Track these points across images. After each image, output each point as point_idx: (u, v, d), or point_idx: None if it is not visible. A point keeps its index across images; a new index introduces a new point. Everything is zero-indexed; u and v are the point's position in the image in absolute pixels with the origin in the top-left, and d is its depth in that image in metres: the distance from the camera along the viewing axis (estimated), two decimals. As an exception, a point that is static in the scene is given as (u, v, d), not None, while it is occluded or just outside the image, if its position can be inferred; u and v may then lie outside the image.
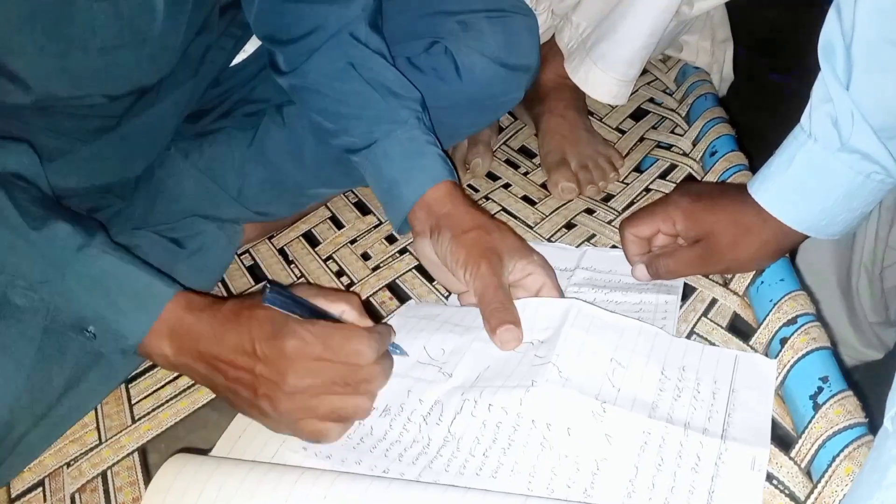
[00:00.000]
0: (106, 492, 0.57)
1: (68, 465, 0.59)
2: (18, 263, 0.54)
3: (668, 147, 0.88)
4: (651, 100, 0.99)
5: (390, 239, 0.81)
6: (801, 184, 0.59)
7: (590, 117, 0.94)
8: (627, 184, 0.84)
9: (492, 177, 0.89)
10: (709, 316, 0.63)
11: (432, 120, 0.70)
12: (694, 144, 0.87)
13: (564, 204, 0.82)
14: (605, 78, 0.87)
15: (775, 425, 0.53)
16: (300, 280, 0.77)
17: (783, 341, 0.58)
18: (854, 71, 0.55)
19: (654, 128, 0.93)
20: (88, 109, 0.66)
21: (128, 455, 0.60)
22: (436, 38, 0.76)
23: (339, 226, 0.85)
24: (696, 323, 0.63)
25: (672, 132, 0.91)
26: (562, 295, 0.63)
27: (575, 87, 0.91)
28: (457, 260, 0.62)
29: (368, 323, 0.58)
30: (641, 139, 0.91)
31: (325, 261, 0.79)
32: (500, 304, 0.59)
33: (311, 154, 0.76)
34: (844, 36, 0.55)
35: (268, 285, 0.53)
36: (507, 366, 0.57)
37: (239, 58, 0.80)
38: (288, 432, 0.55)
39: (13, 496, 0.57)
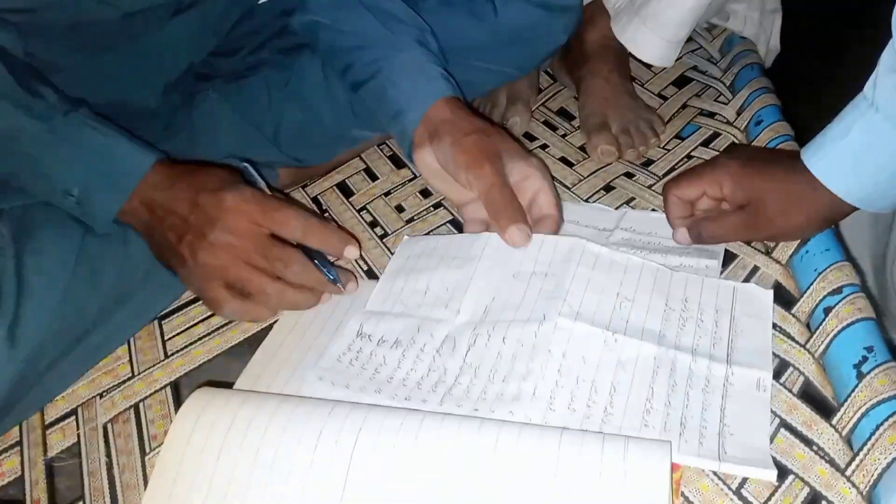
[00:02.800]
0: (138, 423, 0.57)
1: (101, 395, 0.60)
2: (19, 124, 0.56)
3: (712, 115, 0.87)
4: (695, 68, 0.97)
5: (425, 193, 0.80)
6: (857, 155, 0.58)
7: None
8: (669, 150, 0.82)
9: (529, 137, 0.88)
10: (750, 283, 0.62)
11: (468, 61, 0.71)
12: (738, 114, 0.85)
13: (604, 167, 0.81)
14: (653, 38, 0.85)
15: (816, 393, 0.52)
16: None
17: (827, 310, 0.57)
18: None
19: (697, 96, 0.91)
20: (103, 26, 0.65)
21: (160, 389, 0.60)
22: None
23: (374, 178, 0.84)
24: (737, 289, 0.62)
25: (716, 101, 0.89)
26: (557, 199, 0.65)
27: (620, 49, 0.89)
28: (458, 163, 0.63)
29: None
30: (684, 106, 0.90)
31: (358, 211, 0.79)
32: (507, 202, 0.61)
33: (345, 93, 0.76)
34: None
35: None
36: (514, 295, 0.59)
37: None
38: (193, 288, 0.59)
39: (47, 423, 0.58)
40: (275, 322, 0.63)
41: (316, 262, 0.61)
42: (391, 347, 0.58)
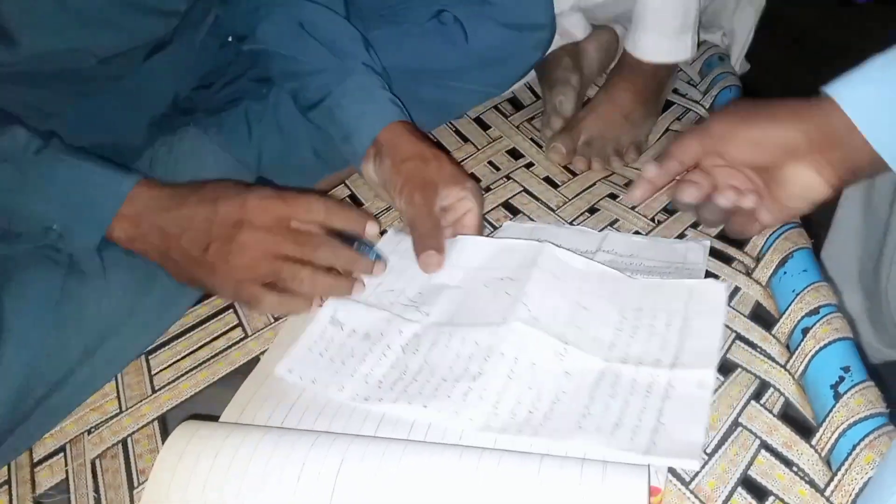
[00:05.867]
0: (126, 458, 0.57)
1: (89, 432, 0.60)
2: None
3: (692, 137, 0.88)
4: (675, 90, 0.98)
5: (410, 219, 0.81)
6: None
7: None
8: (650, 173, 0.83)
9: (514, 155, 0.89)
10: (731, 304, 0.63)
11: (444, 83, 0.74)
12: (718, 135, 0.86)
13: (587, 188, 0.81)
14: (650, 36, 0.87)
15: (796, 414, 0.53)
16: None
17: (805, 331, 0.57)
18: None
19: (678, 119, 0.93)
20: (83, 72, 0.66)
21: (148, 423, 0.60)
22: (443, 6, 0.78)
23: (358, 204, 0.84)
24: (717, 311, 0.62)
25: (696, 124, 0.90)
26: (480, 223, 0.69)
27: (649, 73, 0.89)
28: (394, 187, 0.67)
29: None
30: (666, 130, 0.91)
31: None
32: (427, 231, 0.65)
33: None
34: None
35: None
36: (480, 302, 0.63)
37: None
38: (228, 293, 0.59)
39: (35, 461, 0.58)
40: (262, 353, 0.64)
41: (355, 245, 0.63)
42: (361, 340, 0.60)
